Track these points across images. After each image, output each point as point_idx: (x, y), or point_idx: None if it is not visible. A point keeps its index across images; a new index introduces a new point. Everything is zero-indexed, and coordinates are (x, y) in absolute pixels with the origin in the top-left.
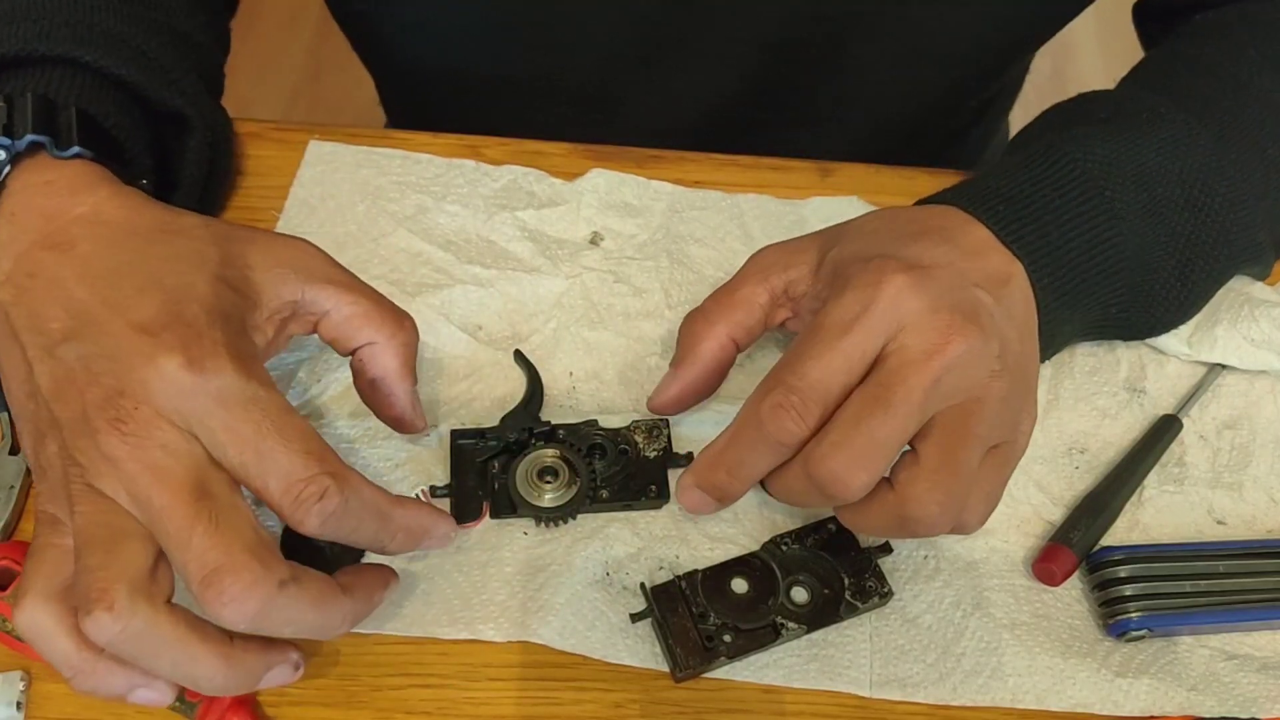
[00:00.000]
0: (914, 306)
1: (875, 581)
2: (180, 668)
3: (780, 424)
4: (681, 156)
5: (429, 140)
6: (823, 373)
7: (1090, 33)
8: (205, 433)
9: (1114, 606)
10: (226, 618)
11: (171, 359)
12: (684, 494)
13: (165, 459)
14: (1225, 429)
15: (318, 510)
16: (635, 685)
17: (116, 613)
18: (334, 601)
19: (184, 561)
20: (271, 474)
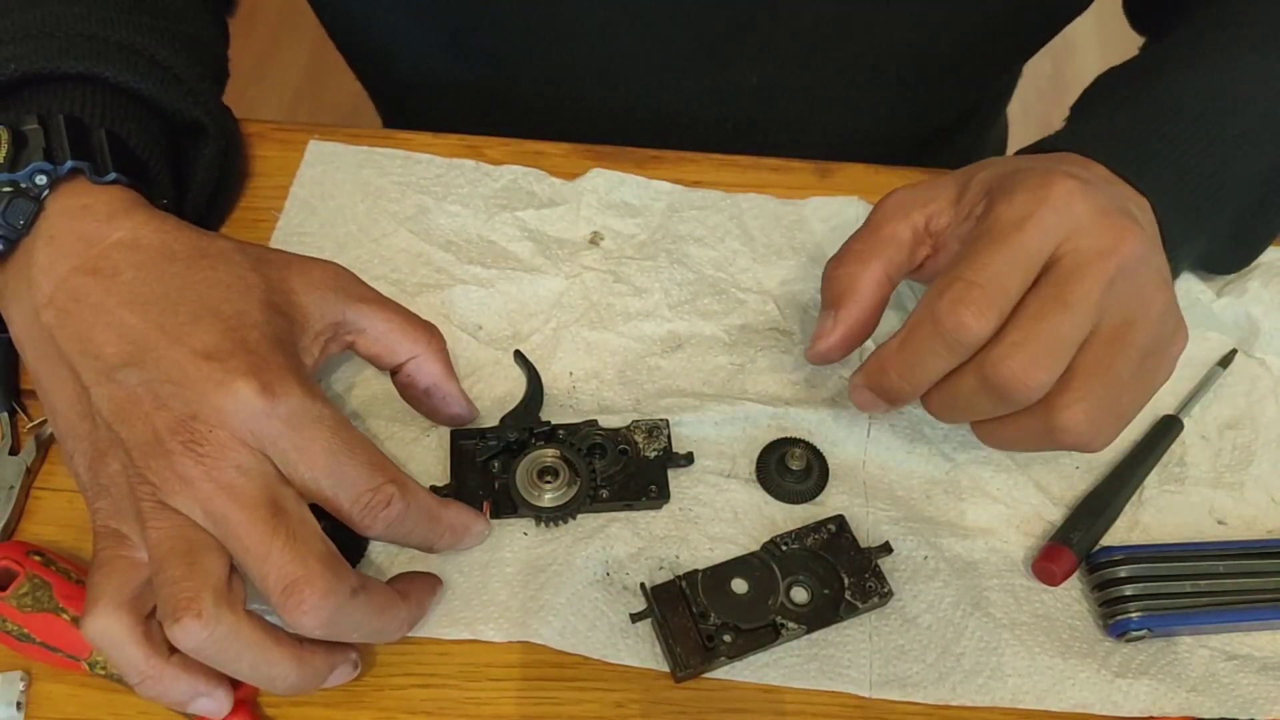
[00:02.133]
0: (1085, 208)
1: (875, 581)
2: (259, 669)
3: (960, 320)
4: (681, 157)
5: (430, 140)
6: (1001, 267)
7: (1090, 33)
8: (277, 453)
9: (1114, 606)
10: (305, 624)
11: (247, 384)
12: (854, 392)
13: (239, 478)
14: (1227, 429)
15: (384, 517)
16: (636, 685)
17: (205, 619)
18: (395, 607)
19: (264, 574)
20: (342, 487)
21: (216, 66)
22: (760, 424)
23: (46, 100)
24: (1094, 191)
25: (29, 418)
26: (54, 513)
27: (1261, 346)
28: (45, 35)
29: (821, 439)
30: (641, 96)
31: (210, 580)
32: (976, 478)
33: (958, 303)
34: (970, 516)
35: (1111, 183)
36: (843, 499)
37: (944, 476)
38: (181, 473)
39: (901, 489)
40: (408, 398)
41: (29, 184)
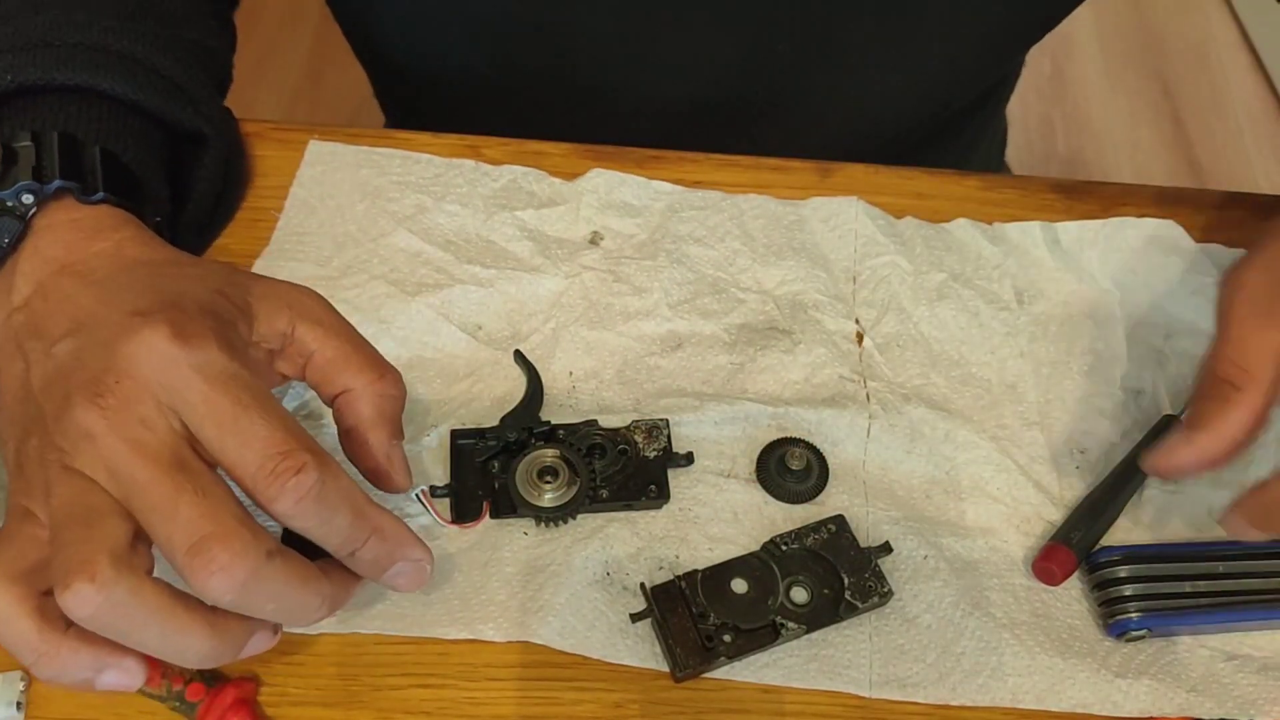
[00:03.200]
0: None
1: (875, 581)
2: (166, 639)
3: None
4: (681, 157)
5: (429, 140)
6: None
7: (1090, 33)
8: (185, 406)
9: (1114, 606)
10: (214, 587)
11: (158, 331)
12: (1232, 526)
13: (144, 433)
14: None
15: (294, 485)
16: (635, 685)
17: (99, 583)
18: (317, 580)
19: (169, 533)
20: (249, 445)
21: (220, 72)
22: (760, 424)
23: (42, 114)
24: None
25: None
26: None
27: None
28: (44, 45)
29: (821, 439)
30: (668, 70)
31: (108, 543)
32: (976, 478)
33: None
34: (970, 516)
35: None
36: (843, 499)
37: (944, 476)
38: (86, 428)
39: (901, 489)
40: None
41: (15, 202)
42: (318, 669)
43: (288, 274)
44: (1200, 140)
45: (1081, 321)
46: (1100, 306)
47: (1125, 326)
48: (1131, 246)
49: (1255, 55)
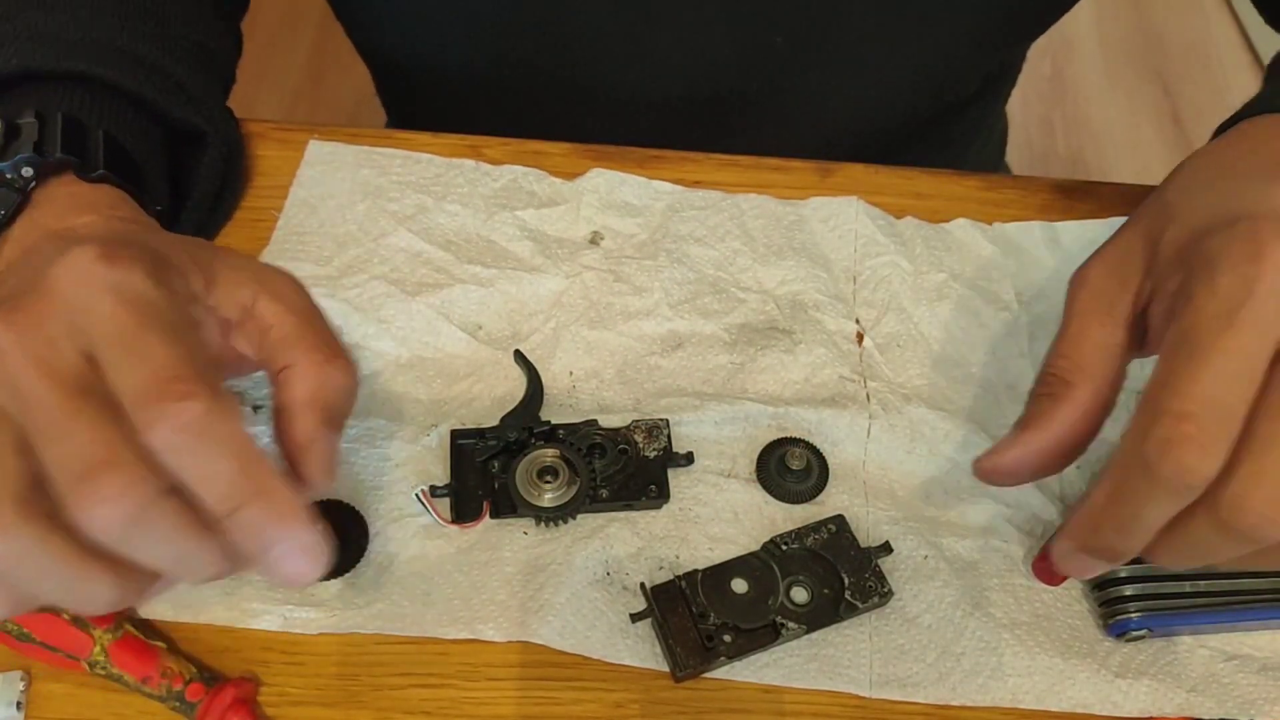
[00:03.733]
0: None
1: (875, 581)
2: (71, 587)
3: (1179, 464)
4: (681, 157)
5: (429, 140)
6: (1214, 387)
7: (1090, 33)
8: (92, 326)
9: (1114, 606)
10: (99, 518)
11: (86, 250)
12: (1065, 562)
13: (49, 351)
14: None
15: (174, 410)
16: (635, 685)
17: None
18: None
19: (61, 455)
20: (139, 365)
21: (223, 73)
22: (760, 424)
23: (47, 98)
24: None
25: None
26: None
27: None
28: (50, 38)
29: (821, 439)
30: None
31: (9, 485)
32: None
33: (1169, 444)
34: (970, 516)
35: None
36: (843, 499)
37: (944, 476)
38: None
39: (902, 489)
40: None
41: (14, 175)
42: (318, 669)
43: None
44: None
45: None
46: None
47: None
48: None
49: (1255, 55)
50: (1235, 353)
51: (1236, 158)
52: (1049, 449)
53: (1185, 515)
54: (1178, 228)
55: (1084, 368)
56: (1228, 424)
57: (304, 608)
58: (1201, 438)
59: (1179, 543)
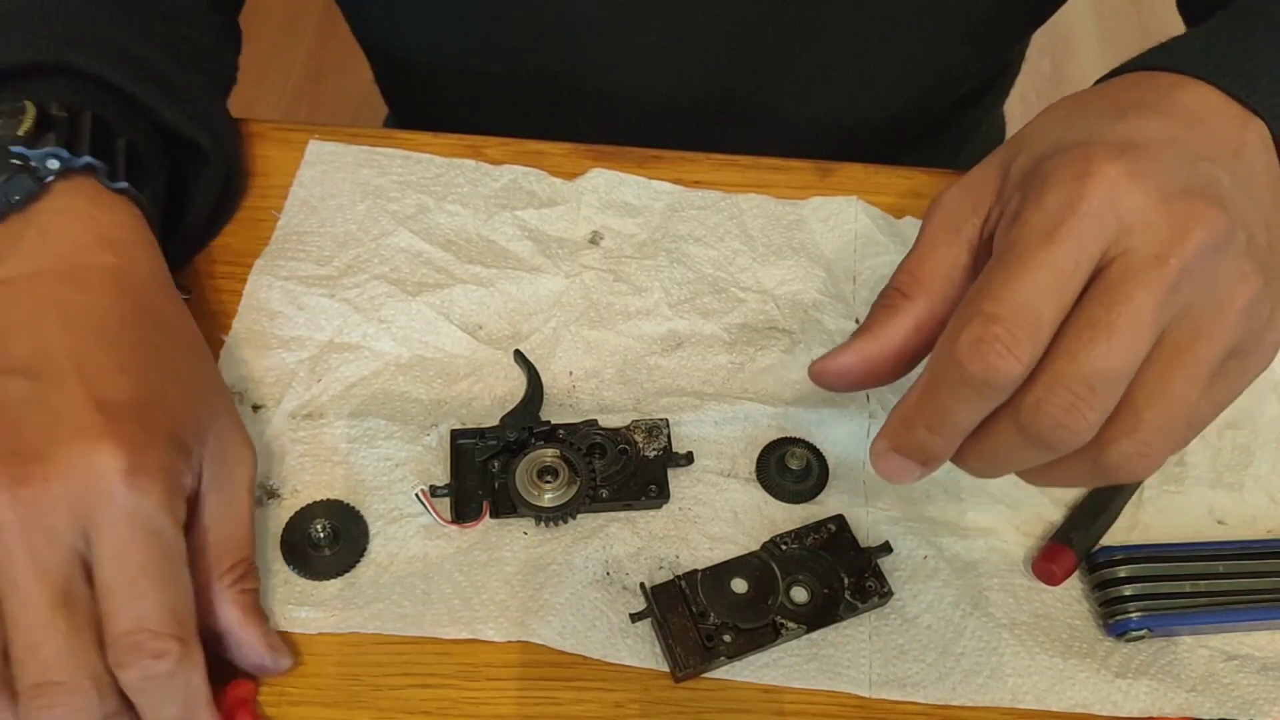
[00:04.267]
0: (1136, 200)
1: (875, 581)
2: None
3: (985, 362)
4: (681, 156)
5: (430, 140)
6: (1028, 294)
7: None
8: (97, 539)
9: (1114, 606)
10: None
11: (114, 455)
12: (880, 461)
13: (46, 547)
14: (1227, 428)
15: (144, 665)
16: (635, 685)
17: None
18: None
19: (24, 659)
20: (130, 608)
21: (223, 75)
22: (760, 423)
23: (74, 93)
24: (1151, 168)
25: None
26: None
27: None
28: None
29: (821, 438)
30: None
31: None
32: (977, 478)
33: (980, 342)
34: (970, 516)
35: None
36: (843, 498)
37: (944, 476)
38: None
39: (901, 489)
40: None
41: (40, 165)
42: (318, 669)
43: (288, 273)
44: None
45: None
46: None
47: None
48: None
49: None
50: (1051, 264)
51: (1093, 99)
52: (879, 358)
53: (992, 419)
54: (1026, 156)
55: (923, 283)
56: (1036, 331)
57: (304, 608)
58: (1009, 340)
59: (985, 446)
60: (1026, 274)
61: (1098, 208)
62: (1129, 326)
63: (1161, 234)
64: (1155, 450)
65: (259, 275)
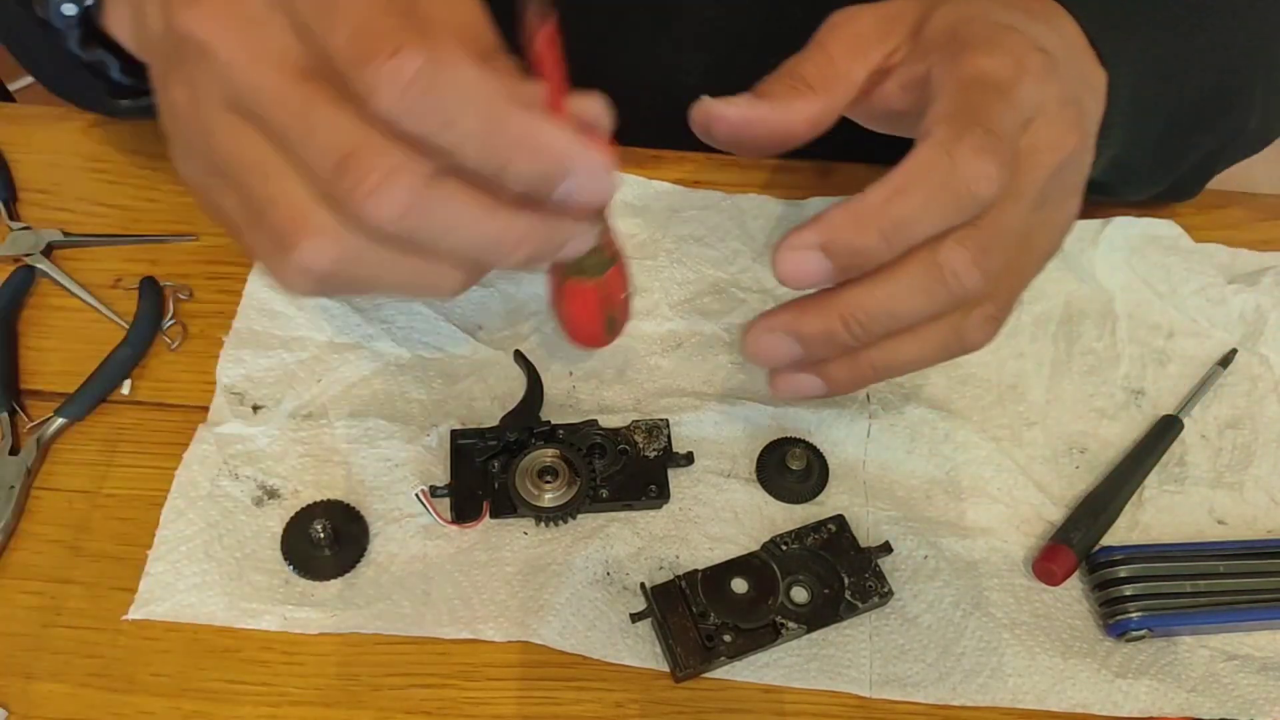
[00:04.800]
0: (1053, 91)
1: (875, 581)
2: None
3: (983, 171)
4: (681, 156)
5: None
6: (1009, 123)
7: None
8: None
9: (1114, 606)
10: (372, 214)
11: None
12: (792, 256)
13: (255, 32)
14: (1227, 428)
15: (390, 71)
16: (635, 685)
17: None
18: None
19: (313, 156)
20: (340, 25)
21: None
22: (760, 423)
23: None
24: (1060, 72)
25: (29, 418)
26: (54, 513)
27: (1267, 342)
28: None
29: (822, 439)
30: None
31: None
32: (977, 478)
33: (983, 151)
34: (970, 516)
35: (1075, 54)
36: (843, 499)
37: (944, 476)
38: (196, 35)
39: (902, 489)
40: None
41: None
42: (318, 669)
43: None
44: None
45: (1081, 321)
46: (1100, 306)
47: (1125, 326)
48: (1131, 246)
49: None
50: (1017, 107)
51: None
52: (775, 124)
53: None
54: (943, 19)
55: (829, 85)
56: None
57: (304, 608)
58: (1003, 157)
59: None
60: (1007, 107)
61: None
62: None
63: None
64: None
65: (259, 275)
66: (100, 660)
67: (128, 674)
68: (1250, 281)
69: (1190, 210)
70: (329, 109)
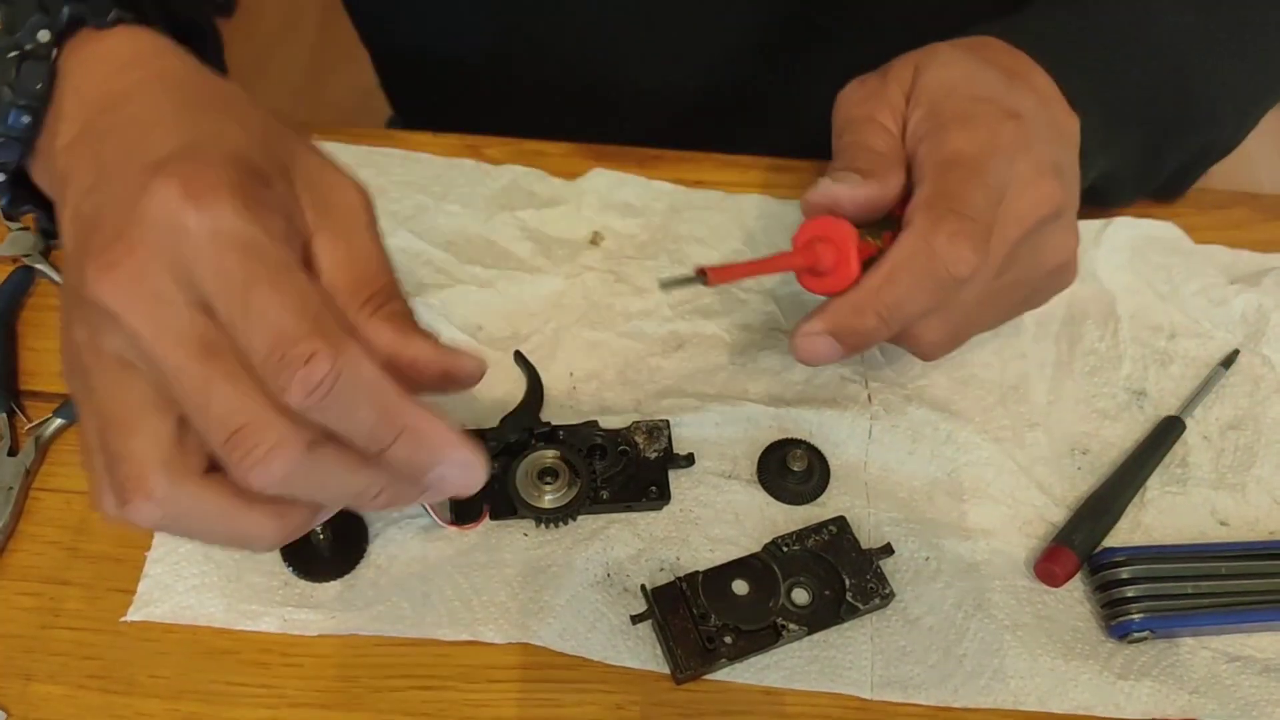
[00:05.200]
0: (1025, 165)
1: (876, 583)
2: (233, 533)
3: (960, 255)
4: (681, 156)
5: (429, 140)
6: (983, 204)
7: None
8: (197, 277)
9: (1116, 608)
10: (255, 482)
11: (168, 187)
12: (806, 342)
13: (162, 311)
14: (1229, 429)
15: (302, 378)
16: (636, 687)
17: (156, 498)
18: (369, 469)
19: (204, 424)
20: (257, 330)
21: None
22: (761, 425)
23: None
24: (1032, 136)
25: (28, 418)
26: (53, 514)
27: (1269, 343)
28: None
29: (823, 440)
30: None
31: (156, 449)
32: (978, 479)
33: (959, 236)
34: (972, 518)
35: (1048, 107)
36: (844, 500)
37: (946, 478)
38: (105, 304)
39: (903, 490)
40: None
41: (32, 43)
42: (318, 670)
43: None
44: None
45: (1082, 322)
46: (1101, 306)
47: (1126, 327)
48: (1133, 247)
49: None
50: (991, 187)
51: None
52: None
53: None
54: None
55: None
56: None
57: (303, 609)
58: (978, 239)
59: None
60: (981, 188)
61: (1008, 156)
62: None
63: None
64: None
65: None
66: (99, 662)
67: (126, 676)
68: (1252, 282)
69: (1191, 211)
70: (224, 385)
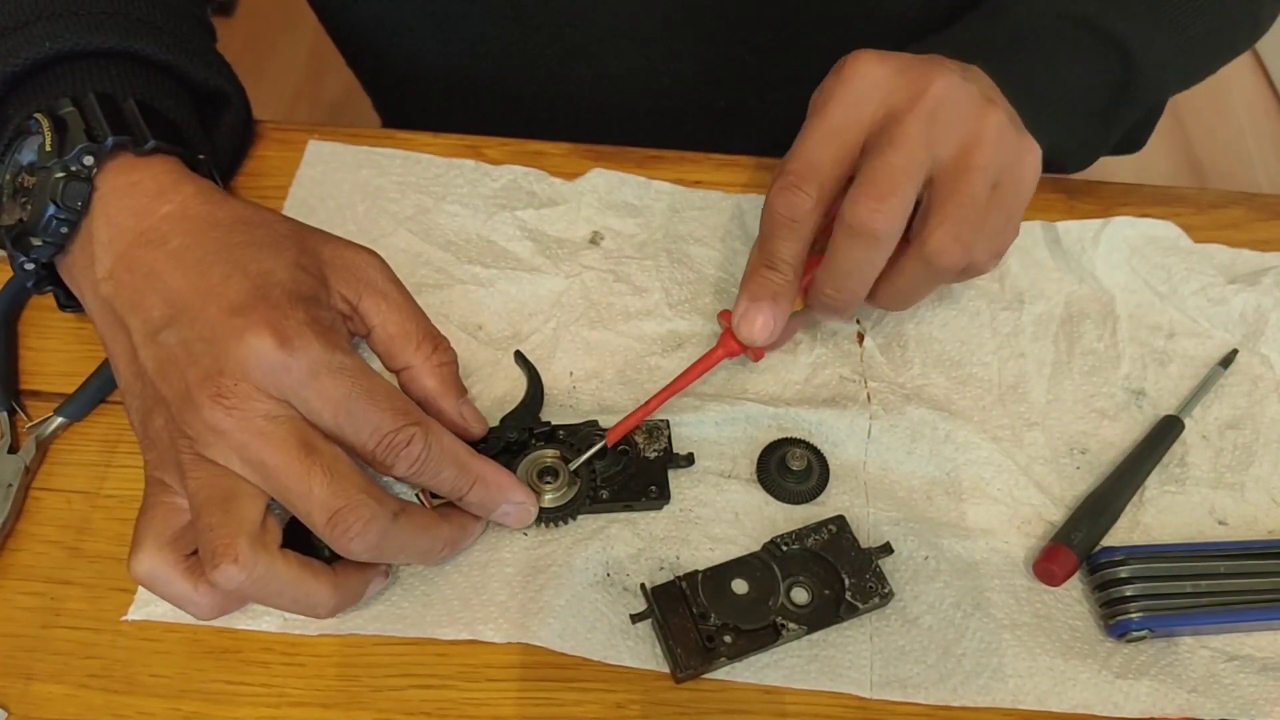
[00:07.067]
0: (883, 71)
1: (875, 582)
2: (298, 600)
3: (788, 201)
4: (681, 156)
5: (429, 140)
6: (810, 149)
7: None
8: (300, 402)
9: (1115, 607)
10: (354, 550)
11: (264, 339)
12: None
13: (269, 425)
14: (1228, 429)
15: (405, 455)
16: (636, 686)
17: (242, 564)
18: (437, 527)
19: (308, 510)
20: (364, 429)
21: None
22: (761, 424)
23: (76, 78)
24: (893, 57)
25: (28, 417)
26: (53, 513)
27: (1268, 342)
28: (70, 14)
29: (822, 439)
30: (629, 81)
31: (245, 525)
32: (977, 478)
33: (780, 190)
34: (971, 517)
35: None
36: (843, 499)
37: (945, 477)
38: (214, 425)
39: (902, 490)
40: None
41: (78, 166)
42: (318, 670)
43: None
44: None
45: (1082, 321)
46: (1100, 306)
47: (1125, 327)
48: (1131, 246)
49: (1256, 55)
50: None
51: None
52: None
53: (896, 262)
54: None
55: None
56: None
57: None
58: (796, 181)
59: (894, 282)
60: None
61: (855, 79)
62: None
63: (910, 87)
64: (966, 236)
65: None
66: (100, 661)
67: (127, 675)
68: (1251, 281)
69: (1190, 210)
70: (323, 478)
